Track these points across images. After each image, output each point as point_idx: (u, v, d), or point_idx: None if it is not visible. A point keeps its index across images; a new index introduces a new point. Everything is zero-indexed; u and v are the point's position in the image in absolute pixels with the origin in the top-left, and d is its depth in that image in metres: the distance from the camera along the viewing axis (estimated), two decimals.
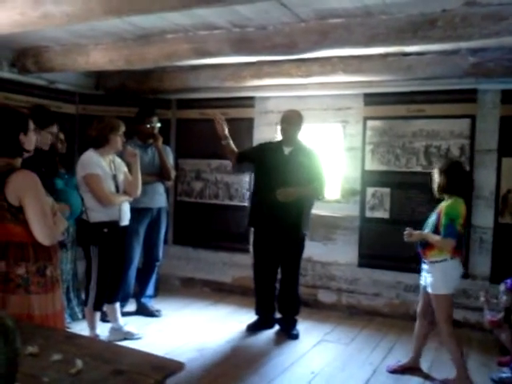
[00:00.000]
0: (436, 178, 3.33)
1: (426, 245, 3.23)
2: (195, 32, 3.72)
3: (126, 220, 3.80)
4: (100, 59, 4.17)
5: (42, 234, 2.16)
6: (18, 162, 2.24)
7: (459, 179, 3.27)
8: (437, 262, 3.18)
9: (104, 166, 3.67)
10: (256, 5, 2.99)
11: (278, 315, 4.33)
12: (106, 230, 3.62)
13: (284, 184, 3.93)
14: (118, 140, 3.72)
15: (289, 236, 4.08)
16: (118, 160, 3.84)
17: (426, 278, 3.32)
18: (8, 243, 2.16)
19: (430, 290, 3.24)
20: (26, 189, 2.13)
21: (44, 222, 2.16)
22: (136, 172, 3.83)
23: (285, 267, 4.22)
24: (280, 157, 4.09)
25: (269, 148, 4.23)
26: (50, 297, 2.24)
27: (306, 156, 4.09)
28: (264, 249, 4.19)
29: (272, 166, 4.05)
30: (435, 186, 3.34)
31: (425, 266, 3.32)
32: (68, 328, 3.75)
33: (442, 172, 3.28)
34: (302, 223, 4.08)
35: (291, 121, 4.09)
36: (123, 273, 4.09)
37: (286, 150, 4.12)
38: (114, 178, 3.73)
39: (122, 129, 3.74)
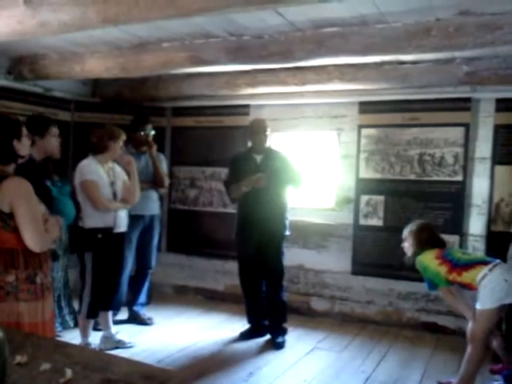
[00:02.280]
0: (407, 244, 3.41)
1: (465, 287, 3.19)
2: (191, 40, 3.73)
3: (122, 227, 3.81)
4: (96, 67, 4.17)
5: (32, 240, 2.14)
6: (11, 168, 2.23)
7: (430, 235, 3.36)
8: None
9: (102, 172, 3.69)
10: (252, 14, 3.00)
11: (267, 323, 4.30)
12: (99, 236, 3.62)
13: (262, 191, 3.97)
14: (117, 148, 3.74)
15: (270, 240, 4.09)
16: (118, 168, 3.86)
17: None
18: None
19: None
20: (17, 195, 2.12)
21: (35, 229, 2.15)
22: (133, 179, 3.84)
23: (267, 273, 4.20)
24: (253, 166, 4.12)
25: (240, 159, 4.27)
26: (40, 305, 2.22)
27: (277, 160, 4.14)
28: (246, 256, 4.19)
29: (247, 176, 4.03)
30: (409, 252, 3.39)
31: None
32: (59, 336, 3.72)
33: (414, 235, 3.36)
34: (279, 225, 4.11)
35: (262, 129, 4.14)
36: (119, 281, 4.07)
37: (258, 159, 4.16)
38: (112, 185, 3.74)
39: (123, 138, 3.78)
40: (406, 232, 3.46)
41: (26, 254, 2.17)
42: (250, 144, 4.31)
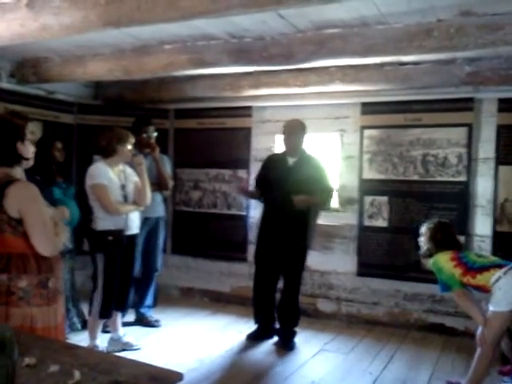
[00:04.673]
0: (423, 239, 3.41)
1: (479, 289, 3.17)
2: (193, 42, 3.74)
3: (134, 229, 3.83)
4: (98, 69, 4.19)
5: (42, 245, 2.13)
6: (17, 171, 2.21)
7: (446, 235, 3.35)
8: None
9: (112, 176, 3.70)
10: (254, 16, 3.01)
11: (277, 325, 4.28)
12: (110, 238, 3.65)
13: (289, 196, 3.87)
14: (126, 151, 3.74)
15: (293, 247, 4.02)
16: (129, 170, 3.87)
17: None
18: (10, 255, 2.13)
19: None
20: (25, 200, 2.10)
21: (44, 233, 2.13)
22: (143, 181, 3.85)
23: (287, 278, 4.15)
24: (284, 168, 4.04)
25: (274, 160, 4.21)
26: (53, 309, 2.21)
27: (310, 167, 4.03)
28: (267, 259, 4.13)
29: (277, 178, 3.99)
30: (425, 247, 3.38)
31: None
32: (67, 339, 3.73)
33: (431, 233, 3.35)
34: (307, 235, 4.05)
35: (293, 131, 4.04)
36: (131, 281, 4.08)
37: (291, 161, 4.06)
38: (123, 187, 3.76)
39: (132, 140, 3.78)
40: (424, 228, 3.45)
41: (37, 259, 2.15)
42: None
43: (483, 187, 4.38)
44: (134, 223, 3.82)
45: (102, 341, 3.88)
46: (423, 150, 4.55)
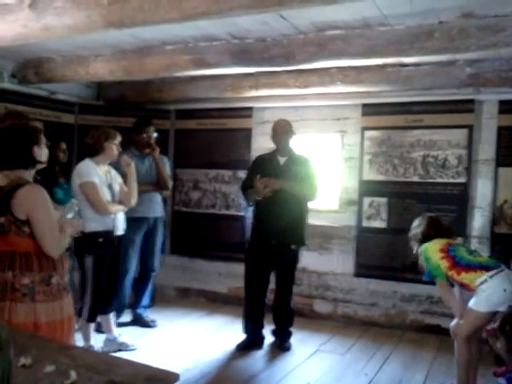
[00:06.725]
0: (415, 232, 3.41)
1: (463, 287, 3.18)
2: (195, 43, 3.75)
3: (120, 229, 3.81)
4: (100, 70, 4.20)
5: (50, 247, 2.20)
6: (31, 174, 2.29)
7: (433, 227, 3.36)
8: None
9: (100, 174, 3.68)
10: (255, 17, 3.01)
11: (272, 327, 4.23)
12: (100, 240, 3.61)
13: (282, 194, 3.90)
14: (114, 148, 3.72)
15: (286, 246, 4.02)
16: (114, 171, 3.85)
17: None
18: (14, 254, 2.20)
19: None
20: (33, 204, 2.16)
21: (52, 237, 2.21)
22: (131, 181, 3.83)
23: (280, 278, 4.14)
24: (276, 167, 4.04)
25: (264, 159, 4.19)
26: (58, 304, 2.27)
27: (300, 164, 4.06)
28: (258, 260, 4.06)
29: (270, 177, 3.97)
30: (416, 238, 3.39)
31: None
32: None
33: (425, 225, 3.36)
34: (301, 235, 4.05)
35: (282, 130, 4.06)
36: (118, 283, 4.07)
37: (282, 160, 4.08)
38: (110, 187, 3.74)
39: (118, 138, 3.75)
40: (415, 223, 3.47)
41: (39, 257, 2.22)
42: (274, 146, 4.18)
43: (483, 189, 4.38)
44: (121, 224, 3.80)
45: (98, 341, 3.88)
46: (423, 152, 4.55)
